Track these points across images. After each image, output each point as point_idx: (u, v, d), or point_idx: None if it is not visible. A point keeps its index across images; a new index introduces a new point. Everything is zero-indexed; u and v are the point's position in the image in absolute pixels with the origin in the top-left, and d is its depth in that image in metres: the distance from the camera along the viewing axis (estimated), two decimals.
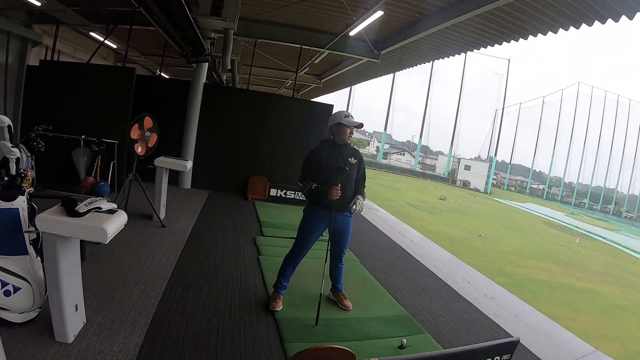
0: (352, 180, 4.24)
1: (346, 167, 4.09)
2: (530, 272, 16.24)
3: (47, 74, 8.52)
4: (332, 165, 4.07)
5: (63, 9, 9.89)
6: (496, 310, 5.26)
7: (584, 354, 4.46)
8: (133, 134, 5.81)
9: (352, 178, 4.23)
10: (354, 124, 4.13)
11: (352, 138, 4.32)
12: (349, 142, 4.22)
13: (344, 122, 4.13)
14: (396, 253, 7.34)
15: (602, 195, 68.42)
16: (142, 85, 8.84)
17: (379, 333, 3.99)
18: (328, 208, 4.09)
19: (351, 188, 4.23)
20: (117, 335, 3.18)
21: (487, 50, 10.10)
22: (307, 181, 4.05)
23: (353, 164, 4.20)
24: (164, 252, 5.22)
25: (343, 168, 4.06)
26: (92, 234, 2.76)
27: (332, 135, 4.23)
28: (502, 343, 3.18)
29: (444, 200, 35.10)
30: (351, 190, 4.23)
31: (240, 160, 10.02)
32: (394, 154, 79.88)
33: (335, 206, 4.07)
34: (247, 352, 3.32)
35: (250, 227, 7.25)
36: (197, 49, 7.98)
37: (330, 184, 4.01)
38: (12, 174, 3.24)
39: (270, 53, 14.21)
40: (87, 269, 3.67)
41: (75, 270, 3.04)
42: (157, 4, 5.53)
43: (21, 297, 2.98)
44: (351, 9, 8.37)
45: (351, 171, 4.18)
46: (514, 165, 76.31)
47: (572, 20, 6.81)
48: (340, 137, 4.17)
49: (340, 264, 4.48)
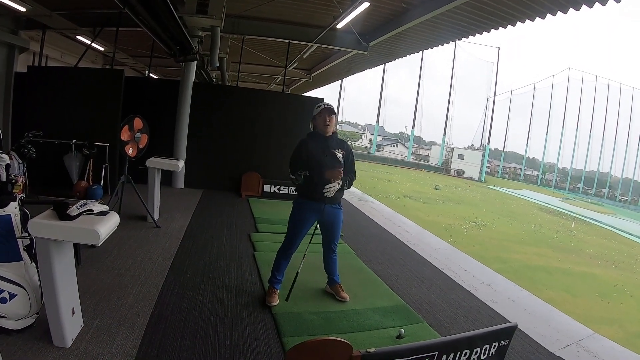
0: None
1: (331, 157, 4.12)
2: (527, 258, 16.35)
3: (35, 80, 8.50)
4: (319, 157, 4.08)
5: (48, 13, 9.82)
6: (494, 296, 5.31)
7: (583, 337, 4.50)
8: (123, 135, 5.79)
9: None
10: (321, 110, 4.19)
11: (345, 131, 4.33)
12: (331, 132, 4.22)
13: (314, 112, 4.23)
14: (392, 244, 7.37)
15: (596, 180, 68.91)
16: (131, 86, 8.78)
17: (377, 324, 4.01)
18: (317, 200, 4.11)
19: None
20: (115, 337, 3.18)
21: (476, 39, 10.13)
22: (299, 171, 4.04)
23: (340, 155, 4.20)
24: (160, 253, 5.22)
25: (328, 158, 4.09)
26: (85, 237, 2.76)
27: (314, 128, 4.26)
28: (499, 329, 3.20)
29: (438, 190, 35.20)
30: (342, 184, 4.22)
31: (232, 158, 10.01)
32: (387, 145, 79.97)
33: (324, 196, 4.08)
34: (246, 348, 3.33)
35: (245, 224, 7.25)
36: (185, 48, 7.97)
37: (318, 180, 4.03)
38: (3, 181, 3.22)
39: (259, 49, 14.17)
40: (82, 273, 3.68)
41: (70, 274, 3.03)
42: (142, 4, 5.50)
43: (17, 303, 2.97)
44: (337, 2, 8.37)
45: (338, 164, 4.16)
46: (508, 152, 76.69)
47: (560, 5, 6.82)
48: (320, 129, 4.19)
49: (334, 255, 4.49)
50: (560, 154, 70.58)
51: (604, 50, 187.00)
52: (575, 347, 4.23)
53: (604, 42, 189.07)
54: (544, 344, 4.11)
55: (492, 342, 3.09)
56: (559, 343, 4.23)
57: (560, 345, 4.17)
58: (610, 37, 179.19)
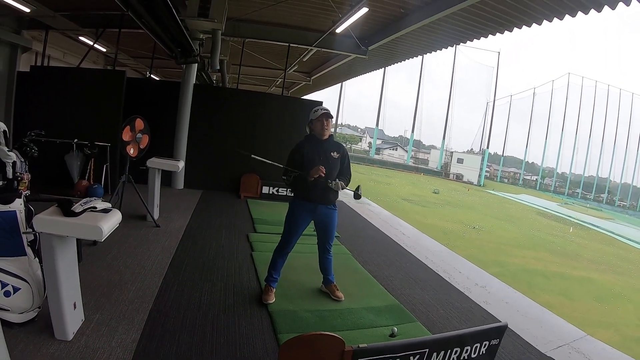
0: (335, 173, 4.30)
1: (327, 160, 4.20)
2: (525, 262, 16.36)
3: (38, 79, 8.58)
4: (314, 159, 4.17)
5: (52, 14, 9.90)
6: (487, 298, 5.38)
7: (575, 339, 4.57)
8: (125, 136, 5.86)
9: (334, 171, 4.29)
10: (320, 115, 4.25)
11: (344, 134, 4.41)
12: (327, 135, 4.31)
13: (312, 117, 4.29)
14: (388, 246, 7.44)
15: (595, 185, 68.81)
16: (132, 87, 8.87)
17: (371, 322, 4.09)
18: (312, 201, 4.23)
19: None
20: (115, 332, 3.27)
21: (476, 43, 10.21)
22: (290, 172, 4.16)
23: (335, 157, 4.29)
24: (159, 251, 5.30)
25: (324, 160, 4.17)
26: (88, 233, 2.85)
27: (311, 131, 4.35)
28: (490, 328, 3.29)
29: (437, 194, 35.19)
30: None
31: (232, 159, 10.04)
32: (387, 149, 79.88)
33: (318, 197, 4.22)
34: (242, 344, 3.41)
35: (243, 225, 7.33)
36: (186, 50, 8.05)
37: (311, 181, 4.13)
38: (9, 178, 3.31)
39: (259, 52, 14.24)
40: (83, 270, 3.74)
41: (72, 269, 3.12)
42: (144, 7, 5.58)
43: (21, 297, 3.06)
44: (336, 6, 8.45)
45: (333, 164, 4.27)
46: (507, 157, 76.47)
47: (556, 11, 6.91)
48: (317, 132, 4.28)
49: (329, 255, 4.56)
50: (560, 159, 70.56)
51: (604, 56, 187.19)
52: (567, 348, 4.30)
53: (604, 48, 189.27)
54: (536, 345, 4.17)
55: (482, 341, 3.17)
56: (551, 344, 4.29)
57: (552, 347, 4.23)
58: (609, 42, 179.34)
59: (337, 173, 4.34)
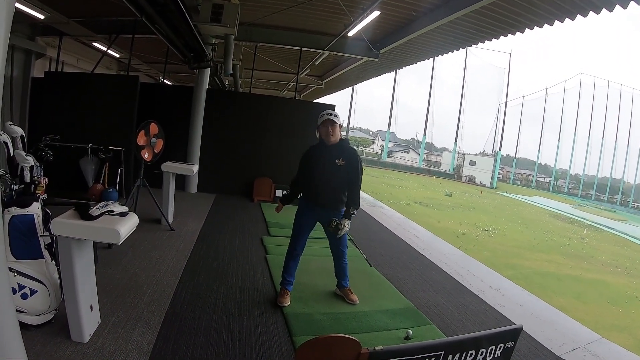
0: (337, 181, 4.23)
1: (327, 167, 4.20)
2: (538, 265, 16.27)
3: (52, 85, 8.69)
4: (311, 166, 4.23)
5: (66, 20, 10.01)
6: (501, 301, 5.34)
7: (590, 341, 4.52)
8: (139, 140, 5.90)
9: (335, 178, 4.22)
10: (323, 120, 4.22)
11: (356, 137, 4.43)
12: (334, 141, 4.21)
13: (318, 122, 4.26)
14: (401, 249, 7.42)
15: (608, 186, 68.07)
16: (146, 92, 8.97)
17: (385, 325, 4.08)
18: (314, 203, 4.31)
19: (335, 190, 4.25)
20: (131, 334, 3.29)
21: (487, 45, 10.12)
22: (289, 185, 4.36)
23: (339, 165, 4.16)
24: (174, 254, 5.34)
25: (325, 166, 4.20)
26: (106, 236, 2.88)
27: (319, 136, 4.31)
28: (505, 330, 3.26)
29: (450, 197, 35.11)
30: (338, 192, 4.25)
31: (245, 163, 10.13)
32: (399, 152, 79.86)
33: (320, 204, 4.29)
34: (258, 346, 3.42)
35: (257, 228, 7.36)
36: (199, 55, 8.10)
37: (310, 183, 4.28)
38: (27, 182, 3.36)
39: (271, 56, 14.28)
40: (99, 273, 3.77)
41: (89, 271, 3.15)
42: (158, 13, 5.62)
43: (38, 299, 3.09)
44: (348, 10, 8.45)
45: (336, 172, 4.17)
46: (519, 159, 76.13)
47: (567, 12, 6.85)
48: (323, 138, 4.25)
49: (342, 261, 4.54)
50: (573, 160, 69.96)
51: (616, 55, 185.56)
52: (582, 350, 4.25)
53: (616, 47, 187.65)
54: (550, 347, 4.14)
55: (497, 344, 3.15)
56: (566, 347, 4.25)
57: (567, 349, 4.20)
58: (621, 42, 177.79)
59: (342, 182, 4.24)
